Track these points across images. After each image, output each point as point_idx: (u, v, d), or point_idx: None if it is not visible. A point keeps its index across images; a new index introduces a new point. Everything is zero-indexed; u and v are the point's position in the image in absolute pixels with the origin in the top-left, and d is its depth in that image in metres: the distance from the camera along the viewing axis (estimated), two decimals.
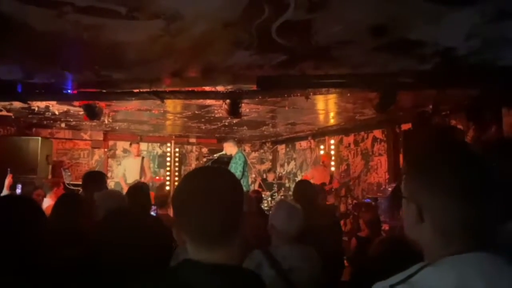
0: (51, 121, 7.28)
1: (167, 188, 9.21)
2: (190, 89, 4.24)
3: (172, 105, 5.67)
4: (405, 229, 0.95)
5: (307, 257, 2.17)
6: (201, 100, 5.18)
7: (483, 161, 0.88)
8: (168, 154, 9.59)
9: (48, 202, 4.31)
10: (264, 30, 2.63)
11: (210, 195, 1.00)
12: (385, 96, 4.04)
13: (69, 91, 4.21)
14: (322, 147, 8.58)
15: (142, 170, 7.06)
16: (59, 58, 3.37)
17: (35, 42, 2.94)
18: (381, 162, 7.13)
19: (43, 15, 2.41)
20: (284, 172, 10.21)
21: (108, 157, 9.06)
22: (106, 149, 8.99)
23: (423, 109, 5.36)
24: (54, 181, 5.10)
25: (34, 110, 5.89)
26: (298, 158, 9.79)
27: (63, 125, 7.77)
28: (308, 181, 4.82)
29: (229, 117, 4.88)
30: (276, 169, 10.30)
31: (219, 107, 5.49)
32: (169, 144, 9.57)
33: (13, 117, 6.55)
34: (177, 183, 9.36)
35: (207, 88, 4.28)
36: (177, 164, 9.64)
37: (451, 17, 2.45)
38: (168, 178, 9.48)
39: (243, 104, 4.65)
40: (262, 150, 10.81)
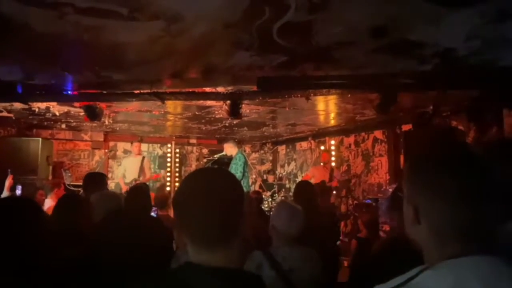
0: (52, 122, 7.28)
1: (168, 189, 9.21)
2: (191, 90, 4.24)
3: (173, 106, 5.66)
4: (406, 229, 0.95)
5: (307, 258, 2.17)
6: (202, 101, 5.18)
7: (482, 162, 0.87)
8: (169, 155, 9.58)
9: (49, 203, 4.32)
10: (265, 31, 2.63)
11: (211, 196, 1.00)
12: (386, 97, 4.04)
13: (69, 92, 4.21)
14: (322, 148, 8.57)
15: (141, 169, 7.06)
16: (59, 59, 3.37)
17: (35, 43, 2.94)
18: (382, 163, 7.12)
19: (43, 16, 2.42)
20: (284, 173, 10.20)
21: (108, 158, 9.05)
22: (106, 150, 8.98)
23: (423, 110, 5.35)
24: (54, 182, 5.11)
25: (34, 111, 5.89)
26: (299, 159, 9.79)
27: (63, 126, 7.77)
28: (309, 181, 4.83)
29: (229, 118, 4.88)
30: (276, 170, 10.29)
31: (219, 108, 5.50)
32: (169, 145, 9.57)
33: (13, 118, 6.54)
34: (177, 184, 9.36)
35: (207, 89, 4.28)
36: (177, 165, 9.63)
37: (451, 17, 2.45)
38: (168, 179, 9.48)
39: (243, 105, 4.65)
40: (262, 151, 10.80)
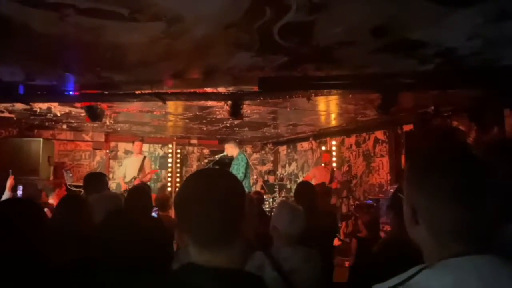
0: (53, 123, 7.29)
1: (169, 189, 9.22)
2: (192, 91, 4.24)
3: (174, 106, 5.67)
4: (406, 229, 0.95)
5: (308, 258, 2.17)
6: (203, 102, 5.18)
7: (481, 163, 0.87)
8: (170, 155, 9.59)
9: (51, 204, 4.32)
10: (266, 31, 2.63)
11: (212, 197, 0.99)
12: (387, 97, 4.03)
13: (71, 92, 4.22)
14: (323, 148, 8.57)
15: (142, 168, 7.05)
16: (60, 60, 3.37)
17: (36, 44, 2.94)
18: (383, 163, 7.11)
19: (44, 17, 2.42)
20: (285, 173, 10.20)
21: (109, 159, 9.06)
22: (107, 151, 9.00)
23: (424, 110, 5.34)
24: (56, 183, 5.12)
25: (36, 111, 5.91)
26: (300, 159, 9.79)
27: (64, 126, 7.78)
28: (309, 182, 4.82)
29: (230, 118, 4.87)
30: (277, 170, 10.29)
31: (220, 108, 5.50)
32: (170, 145, 9.58)
33: (15, 118, 6.56)
34: (178, 184, 9.33)
35: (208, 90, 4.28)
36: (178, 165, 9.64)
37: (452, 17, 2.45)
38: (169, 179, 9.49)
39: (244, 106, 4.65)
40: (263, 151, 10.80)
